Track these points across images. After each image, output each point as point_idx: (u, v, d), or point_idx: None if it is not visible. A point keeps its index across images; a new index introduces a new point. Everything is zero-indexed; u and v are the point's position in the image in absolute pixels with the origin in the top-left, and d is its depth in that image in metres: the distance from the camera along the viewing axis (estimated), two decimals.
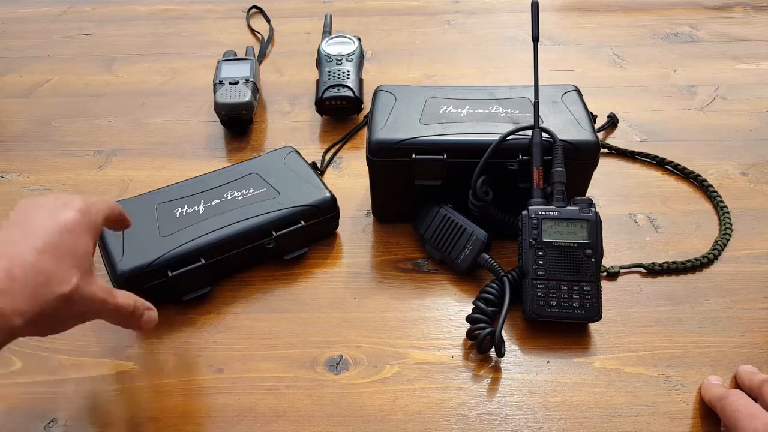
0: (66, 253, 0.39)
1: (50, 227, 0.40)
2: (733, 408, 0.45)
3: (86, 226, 0.42)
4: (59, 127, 0.85)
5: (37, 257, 0.38)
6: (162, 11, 1.15)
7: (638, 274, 0.62)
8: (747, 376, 0.49)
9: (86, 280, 0.40)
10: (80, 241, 0.41)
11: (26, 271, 0.37)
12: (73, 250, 0.40)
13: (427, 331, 0.57)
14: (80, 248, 0.41)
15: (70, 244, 0.40)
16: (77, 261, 0.40)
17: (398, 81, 0.91)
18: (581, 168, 0.61)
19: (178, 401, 0.51)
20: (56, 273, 0.38)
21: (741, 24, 1.05)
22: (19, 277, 0.36)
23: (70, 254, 0.40)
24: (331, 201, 0.64)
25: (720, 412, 0.47)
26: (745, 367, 0.51)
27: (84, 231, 0.41)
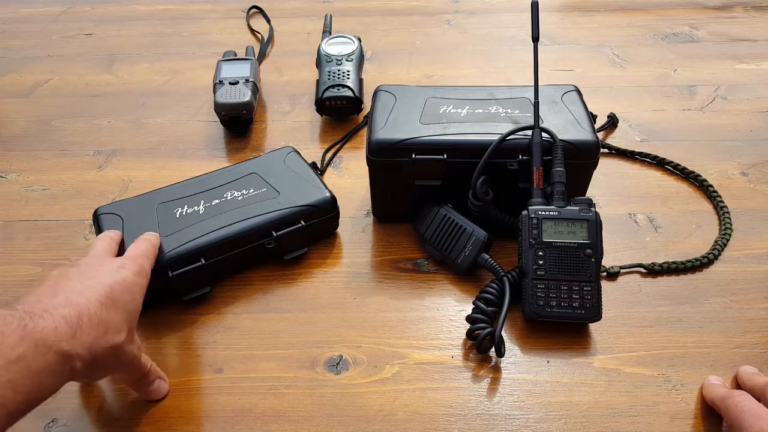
0: (121, 309, 0.45)
1: (111, 284, 0.45)
2: (738, 408, 0.45)
3: (139, 287, 0.48)
4: (59, 127, 0.85)
5: (100, 308, 0.43)
6: (162, 11, 1.15)
7: (638, 274, 0.62)
8: (748, 376, 0.49)
9: (131, 335, 0.45)
10: (133, 301, 0.46)
11: (91, 321, 0.41)
12: (126, 307, 0.45)
13: (427, 331, 0.57)
14: (132, 306, 0.46)
15: (126, 301, 0.45)
16: (128, 317, 0.45)
17: (398, 81, 0.91)
18: (581, 168, 0.61)
19: (178, 401, 0.51)
20: (112, 325, 0.43)
21: (741, 24, 1.05)
22: (85, 326, 0.41)
23: (124, 310, 0.45)
24: (331, 201, 0.64)
25: (724, 412, 0.47)
26: (746, 368, 0.50)
27: (137, 292, 0.47)
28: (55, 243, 0.67)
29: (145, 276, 0.49)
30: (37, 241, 0.67)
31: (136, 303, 0.47)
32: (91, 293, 0.43)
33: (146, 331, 0.57)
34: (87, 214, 0.65)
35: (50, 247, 0.66)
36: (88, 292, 0.43)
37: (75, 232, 0.68)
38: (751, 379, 0.49)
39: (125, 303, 0.45)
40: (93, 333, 0.41)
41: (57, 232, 0.68)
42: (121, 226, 0.59)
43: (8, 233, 0.68)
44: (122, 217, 0.60)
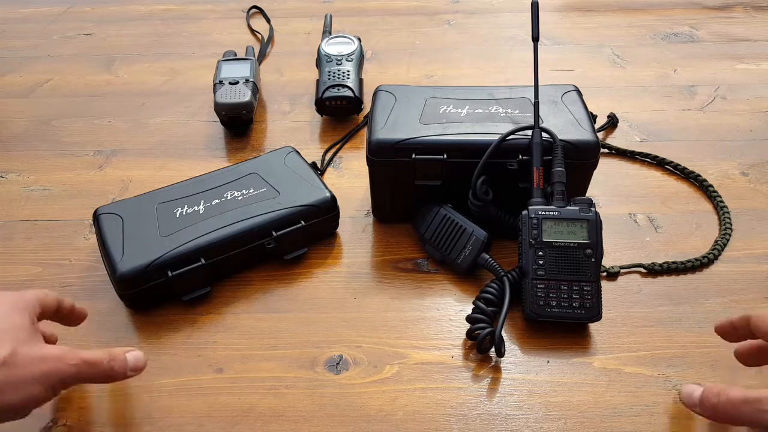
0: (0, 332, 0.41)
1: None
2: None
3: (16, 307, 0.44)
4: (59, 127, 0.85)
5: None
6: (162, 11, 1.15)
7: (638, 274, 0.62)
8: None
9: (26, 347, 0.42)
10: (10, 319, 0.43)
11: None
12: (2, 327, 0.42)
13: (427, 331, 0.57)
14: (8, 324, 0.42)
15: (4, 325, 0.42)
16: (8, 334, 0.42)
17: (398, 81, 0.91)
18: (581, 168, 0.61)
19: (178, 401, 0.51)
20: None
21: (741, 24, 1.05)
22: None
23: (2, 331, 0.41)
24: (331, 201, 0.64)
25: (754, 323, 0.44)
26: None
27: (14, 311, 0.43)
28: (55, 243, 0.67)
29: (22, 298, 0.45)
30: (37, 241, 0.67)
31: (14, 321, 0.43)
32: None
33: (146, 331, 0.57)
34: (87, 214, 0.65)
35: (50, 247, 0.66)
36: None
37: (75, 232, 0.68)
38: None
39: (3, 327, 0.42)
40: None
41: (57, 232, 0.68)
42: (121, 226, 0.59)
43: (8, 233, 0.68)
44: (122, 217, 0.60)
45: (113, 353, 0.46)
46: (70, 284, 0.62)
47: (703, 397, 0.43)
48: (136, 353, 0.47)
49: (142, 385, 0.53)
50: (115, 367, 0.45)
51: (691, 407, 0.45)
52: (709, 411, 0.43)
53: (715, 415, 0.43)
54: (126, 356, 0.46)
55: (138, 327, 0.58)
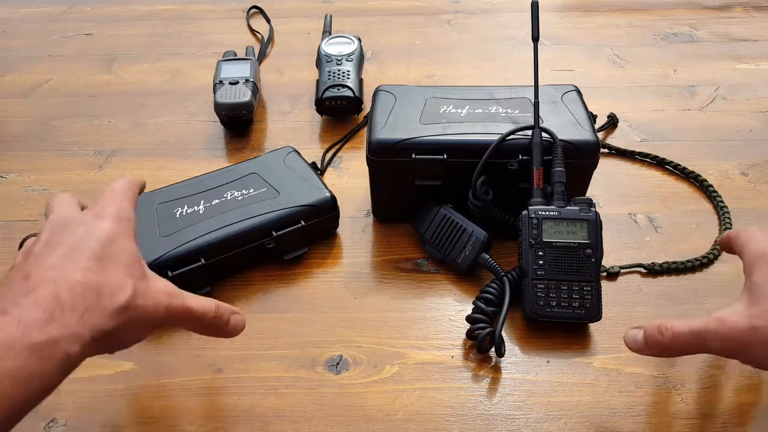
0: (113, 263, 0.38)
1: (90, 243, 0.38)
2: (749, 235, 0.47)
3: (124, 231, 0.41)
4: (59, 127, 0.85)
5: (83, 274, 0.36)
6: (162, 11, 1.15)
7: (638, 274, 0.62)
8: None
9: (144, 284, 0.39)
10: (124, 249, 0.40)
11: (74, 292, 0.35)
12: (119, 259, 0.39)
13: (427, 331, 0.57)
14: (125, 255, 0.39)
15: (114, 253, 0.39)
16: (127, 269, 0.39)
17: (398, 81, 0.91)
18: (581, 168, 0.61)
19: (178, 401, 0.51)
20: (107, 286, 0.37)
21: (741, 24, 1.05)
22: (67, 300, 0.35)
23: (116, 264, 0.38)
24: (331, 201, 0.64)
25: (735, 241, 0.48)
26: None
27: (124, 237, 0.40)
28: None
29: (127, 218, 0.42)
30: None
31: (128, 251, 0.40)
32: (66, 262, 0.37)
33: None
34: None
35: None
36: (63, 262, 0.37)
37: None
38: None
39: (115, 255, 0.39)
40: (80, 306, 0.35)
41: None
42: None
43: (8, 233, 0.68)
44: None
45: (219, 312, 0.44)
46: None
47: (647, 337, 0.45)
48: (238, 318, 0.46)
49: (142, 384, 0.53)
50: (216, 324, 0.44)
51: (639, 351, 0.46)
52: (656, 349, 0.45)
53: (663, 352, 0.45)
54: (230, 318, 0.45)
55: None
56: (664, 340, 0.43)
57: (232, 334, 0.46)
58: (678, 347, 0.44)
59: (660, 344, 0.44)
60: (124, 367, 0.54)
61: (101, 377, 0.54)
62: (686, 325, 0.43)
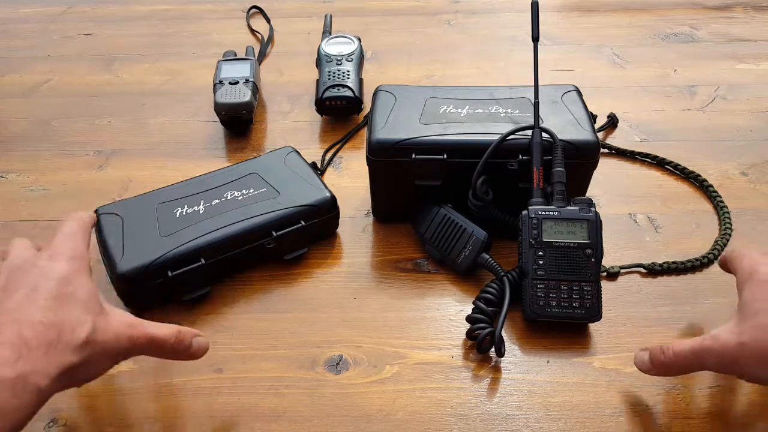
0: (70, 302, 0.40)
1: (47, 284, 0.40)
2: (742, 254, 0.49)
3: (79, 270, 0.43)
4: (59, 127, 0.85)
5: (44, 314, 0.38)
6: (162, 11, 1.15)
7: (638, 274, 0.62)
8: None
9: (102, 319, 0.41)
10: (80, 287, 0.42)
11: (36, 331, 0.37)
12: (76, 297, 0.41)
13: (427, 331, 0.57)
14: (82, 293, 0.41)
15: (71, 292, 0.41)
16: (84, 305, 0.41)
17: (398, 81, 0.90)
18: (581, 168, 0.61)
19: (178, 401, 0.51)
20: (66, 323, 0.39)
21: (741, 24, 1.05)
22: (31, 339, 0.37)
23: (74, 301, 0.40)
24: (331, 201, 0.64)
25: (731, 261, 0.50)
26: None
27: (79, 275, 0.42)
28: None
29: (80, 257, 0.44)
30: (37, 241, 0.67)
31: (85, 288, 0.42)
32: (26, 304, 0.39)
33: None
34: None
35: None
36: (24, 304, 0.39)
37: None
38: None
39: (72, 294, 0.40)
40: (44, 343, 0.37)
41: None
42: (121, 226, 0.59)
43: (8, 233, 0.68)
44: (122, 217, 0.60)
45: (181, 336, 0.45)
46: None
47: (651, 357, 0.48)
48: (201, 341, 0.47)
49: (142, 385, 0.53)
50: (178, 349, 0.45)
51: (647, 371, 0.48)
52: (660, 368, 0.47)
53: (667, 370, 0.48)
54: (192, 342, 0.46)
55: None
56: (665, 359, 0.46)
57: (195, 357, 0.47)
58: (679, 365, 0.46)
59: (662, 363, 0.47)
60: (124, 367, 0.54)
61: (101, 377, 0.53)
62: (686, 345, 0.45)
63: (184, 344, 0.46)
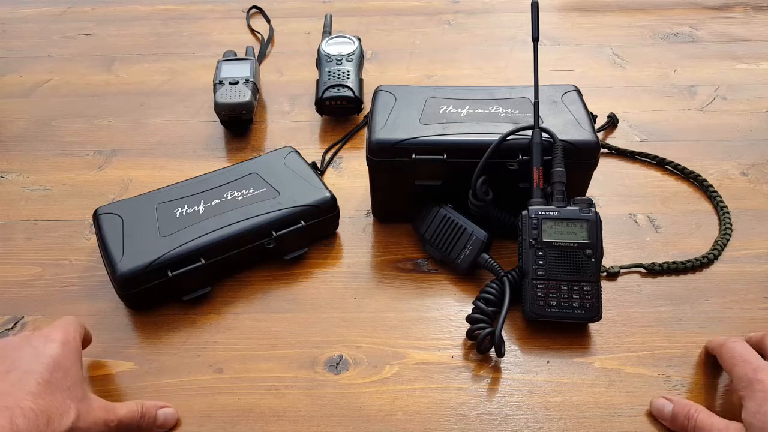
0: (59, 388, 0.42)
1: (39, 368, 0.42)
2: (730, 354, 0.48)
3: (69, 355, 0.44)
4: (59, 127, 0.85)
5: (35, 401, 0.40)
6: (162, 11, 1.15)
7: (638, 274, 0.62)
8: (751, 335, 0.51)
9: (84, 406, 0.43)
10: (70, 373, 0.43)
11: (28, 419, 0.38)
12: (65, 384, 0.42)
13: (427, 331, 0.57)
14: (71, 379, 0.43)
15: (61, 377, 0.42)
16: (71, 392, 0.42)
17: (398, 81, 0.91)
18: (581, 168, 0.61)
19: (178, 401, 0.51)
20: (54, 410, 0.40)
21: (741, 24, 1.05)
22: (22, 426, 0.38)
23: (62, 388, 0.42)
24: (331, 201, 0.64)
25: (719, 358, 0.50)
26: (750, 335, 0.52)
27: (70, 361, 0.44)
28: (55, 243, 0.67)
29: (73, 342, 0.46)
30: (37, 241, 0.67)
31: (73, 374, 0.43)
32: (18, 389, 0.40)
33: (146, 331, 0.57)
34: (87, 214, 0.65)
35: (50, 247, 0.66)
36: (15, 389, 0.40)
37: (75, 232, 0.68)
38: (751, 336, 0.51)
39: (61, 380, 0.42)
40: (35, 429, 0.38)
41: (57, 232, 0.68)
42: (121, 226, 0.59)
43: (8, 233, 0.68)
44: (122, 217, 0.60)
45: (145, 410, 0.47)
46: (70, 284, 0.62)
47: (674, 416, 0.48)
48: (167, 412, 0.49)
49: (142, 385, 0.53)
50: (145, 424, 0.47)
51: (662, 420, 0.49)
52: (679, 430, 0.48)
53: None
54: (157, 414, 0.48)
55: (138, 327, 0.58)
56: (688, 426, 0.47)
57: (164, 428, 0.49)
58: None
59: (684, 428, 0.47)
60: (124, 367, 0.54)
61: (101, 377, 0.54)
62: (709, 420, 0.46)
63: (150, 417, 0.48)
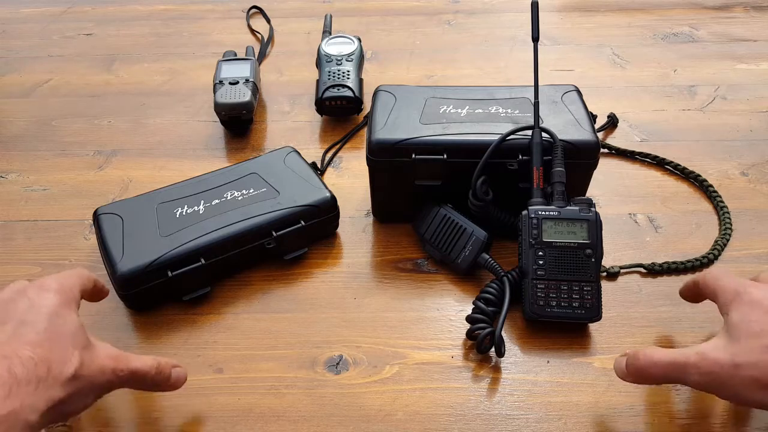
0: (58, 336, 0.41)
1: (36, 317, 0.41)
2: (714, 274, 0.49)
3: (67, 303, 0.43)
4: (59, 127, 0.85)
5: (33, 349, 0.39)
6: (162, 11, 1.15)
7: (638, 274, 0.62)
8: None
9: (89, 353, 0.42)
10: (68, 320, 0.42)
11: (26, 367, 0.38)
12: (64, 331, 0.41)
13: (427, 331, 0.57)
14: (70, 327, 0.42)
15: (59, 326, 0.41)
16: (72, 339, 0.41)
17: (398, 81, 0.91)
18: (581, 168, 0.61)
19: (178, 401, 0.51)
20: (55, 358, 0.39)
21: (741, 24, 1.05)
22: (21, 375, 0.37)
23: (62, 336, 0.41)
24: (331, 201, 0.64)
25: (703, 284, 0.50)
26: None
27: (67, 308, 0.43)
28: (55, 243, 0.67)
29: (69, 290, 0.45)
30: (37, 241, 0.67)
31: (72, 321, 0.42)
32: (14, 338, 0.40)
33: (146, 331, 0.57)
34: (87, 214, 0.65)
35: (50, 247, 0.66)
36: (13, 339, 0.40)
37: (75, 232, 0.68)
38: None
39: (60, 327, 0.41)
40: (34, 379, 0.38)
41: (57, 232, 0.68)
42: (121, 226, 0.59)
43: (8, 233, 0.68)
44: (122, 217, 0.60)
45: (161, 368, 0.47)
46: None
47: (627, 362, 0.46)
48: (179, 372, 0.49)
49: None
50: (158, 381, 0.47)
51: (624, 378, 0.47)
52: (635, 374, 0.46)
53: (642, 377, 0.46)
54: (171, 372, 0.48)
55: (138, 327, 0.58)
56: (640, 364, 0.45)
57: (174, 388, 0.48)
58: (656, 375, 0.45)
59: (637, 368, 0.45)
60: None
61: None
62: (666, 355, 0.44)
63: (164, 375, 0.47)
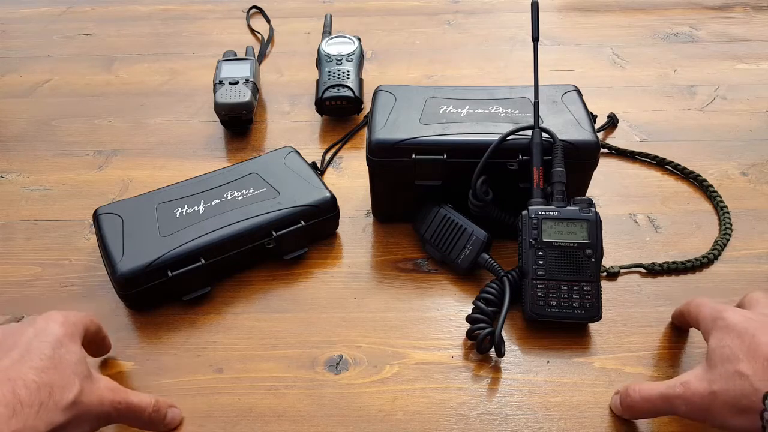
0: (61, 364, 0.42)
1: (41, 345, 0.42)
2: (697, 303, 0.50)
3: (71, 336, 0.45)
4: (59, 127, 0.85)
5: (38, 374, 0.40)
6: (162, 11, 1.15)
7: (638, 274, 0.62)
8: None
9: (89, 384, 0.43)
10: (71, 350, 0.44)
11: (30, 390, 0.39)
12: (67, 360, 0.43)
13: (427, 331, 0.57)
14: (73, 356, 0.43)
15: (63, 354, 0.43)
16: (74, 368, 0.43)
17: (398, 81, 0.91)
18: (581, 168, 0.61)
19: (179, 401, 0.51)
20: (57, 384, 0.41)
21: (741, 24, 1.05)
22: (24, 397, 0.38)
23: (65, 364, 0.42)
24: (331, 201, 0.64)
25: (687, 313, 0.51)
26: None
27: (71, 340, 0.44)
28: (55, 243, 0.67)
29: (73, 323, 0.46)
30: (37, 241, 0.67)
31: (75, 352, 0.44)
32: (20, 363, 0.41)
33: (146, 331, 0.57)
34: (87, 214, 0.65)
35: (50, 247, 0.66)
36: (19, 364, 0.41)
37: (75, 232, 0.68)
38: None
39: (63, 356, 0.42)
40: (36, 402, 0.39)
41: (57, 232, 0.68)
42: (121, 226, 0.59)
43: (8, 233, 0.68)
44: (122, 217, 0.60)
45: (158, 405, 0.48)
46: (70, 284, 0.62)
47: (620, 399, 0.48)
48: (175, 411, 0.49)
49: (142, 385, 0.53)
50: (154, 419, 0.47)
51: (620, 414, 0.49)
52: (628, 410, 0.48)
53: (635, 413, 0.48)
54: (167, 412, 0.48)
55: (138, 327, 0.58)
56: (631, 401, 0.47)
57: (168, 428, 0.49)
58: (647, 409, 0.46)
59: (629, 405, 0.47)
60: (125, 367, 0.54)
61: None
62: (655, 389, 0.45)
63: (161, 414, 0.48)
